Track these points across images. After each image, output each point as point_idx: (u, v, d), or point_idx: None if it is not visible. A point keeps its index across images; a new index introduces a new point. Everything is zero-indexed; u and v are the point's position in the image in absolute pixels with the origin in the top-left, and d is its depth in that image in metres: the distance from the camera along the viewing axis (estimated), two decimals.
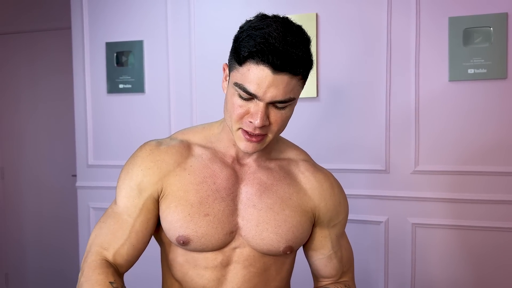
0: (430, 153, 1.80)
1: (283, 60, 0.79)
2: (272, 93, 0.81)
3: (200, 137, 0.98)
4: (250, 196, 0.94)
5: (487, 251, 1.75)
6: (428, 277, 1.83)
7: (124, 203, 0.93)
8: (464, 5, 1.74)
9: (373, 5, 1.84)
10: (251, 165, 0.96)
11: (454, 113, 1.77)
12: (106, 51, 2.20)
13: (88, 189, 2.27)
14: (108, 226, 0.92)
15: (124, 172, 0.95)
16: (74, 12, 2.26)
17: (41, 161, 3.08)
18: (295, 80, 0.82)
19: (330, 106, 1.91)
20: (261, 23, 0.82)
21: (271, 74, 0.79)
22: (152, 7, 2.14)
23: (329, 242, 1.02)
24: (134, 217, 0.92)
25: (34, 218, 3.11)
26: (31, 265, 3.13)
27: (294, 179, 0.98)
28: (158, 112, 2.15)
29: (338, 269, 1.05)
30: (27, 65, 3.06)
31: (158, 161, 0.93)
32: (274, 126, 0.86)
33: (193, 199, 0.91)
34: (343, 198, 1.02)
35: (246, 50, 0.80)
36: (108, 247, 0.91)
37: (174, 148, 0.96)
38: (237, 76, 0.83)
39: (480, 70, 1.73)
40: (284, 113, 0.85)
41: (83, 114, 2.27)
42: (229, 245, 0.93)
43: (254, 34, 0.80)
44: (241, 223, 0.93)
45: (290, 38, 0.80)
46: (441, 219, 1.79)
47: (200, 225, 0.90)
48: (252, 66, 0.80)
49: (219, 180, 0.93)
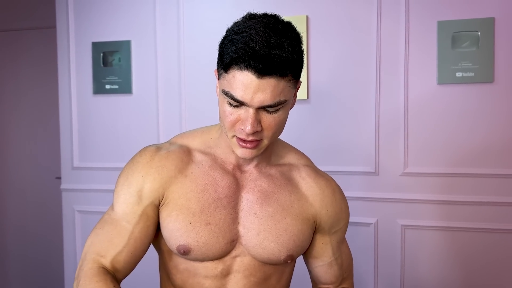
0: (419, 155, 1.82)
1: (266, 64, 0.75)
2: (259, 98, 0.78)
3: (199, 142, 0.96)
4: (251, 204, 0.92)
5: (475, 251, 1.78)
6: (417, 277, 1.85)
7: (122, 209, 0.90)
8: (452, 9, 1.76)
9: (363, 8, 1.85)
10: (252, 172, 0.94)
11: (443, 115, 1.79)
12: (92, 51, 2.16)
13: (73, 191, 2.22)
14: (105, 233, 0.89)
15: (123, 178, 0.92)
16: (59, 10, 2.22)
17: (24, 163, 3.01)
18: (283, 82, 0.79)
19: (320, 108, 1.91)
20: (244, 25, 0.80)
21: (256, 79, 0.76)
22: (140, 6, 2.10)
23: (329, 249, 1.01)
24: (133, 224, 0.89)
25: (17, 222, 3.04)
26: (14, 267, 3.05)
27: (295, 186, 0.96)
28: (146, 114, 2.12)
29: (338, 276, 1.04)
30: (10, 64, 2.98)
31: (159, 167, 0.91)
32: (268, 131, 0.83)
33: (194, 208, 0.89)
34: (345, 204, 1.01)
35: (228, 57, 0.78)
36: (105, 254, 0.88)
37: (174, 153, 0.93)
38: (224, 83, 0.81)
39: (468, 74, 1.75)
40: (276, 116, 0.82)
41: (68, 115, 2.22)
42: (230, 254, 0.91)
43: (236, 39, 0.78)
44: (242, 232, 0.91)
45: (274, 39, 0.77)
46: (430, 221, 1.81)
47: (201, 235, 0.88)
48: (236, 72, 0.78)
49: (220, 188, 0.91)
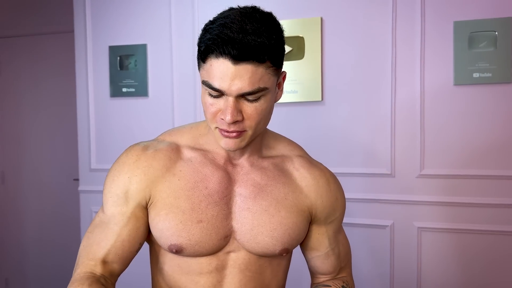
0: (436, 157, 1.80)
1: (241, 49, 0.74)
2: (237, 86, 0.76)
3: (188, 138, 0.94)
4: (244, 198, 0.90)
5: (494, 255, 1.75)
6: (434, 281, 1.82)
7: (111, 211, 0.88)
8: (469, 9, 1.74)
9: (377, 9, 1.84)
10: (244, 165, 0.92)
11: (459, 116, 1.77)
12: (109, 54, 2.20)
13: (90, 193, 2.26)
14: (95, 236, 0.88)
15: (110, 180, 0.90)
16: (77, 15, 2.26)
17: (43, 165, 3.07)
18: (261, 68, 0.77)
19: (334, 109, 1.91)
20: (221, 15, 0.79)
21: (232, 66, 0.75)
22: (155, 10, 2.13)
23: (326, 239, 0.99)
24: (120, 226, 0.87)
25: (35, 223, 3.10)
26: (32, 270, 3.11)
27: (289, 177, 0.94)
28: (162, 116, 2.14)
29: (336, 266, 1.02)
30: (29, 69, 3.05)
31: (145, 167, 0.89)
32: (250, 121, 0.81)
33: (184, 206, 0.87)
34: (340, 194, 0.99)
35: (203, 45, 0.77)
36: (93, 257, 0.86)
37: (162, 152, 0.91)
38: (203, 73, 0.80)
39: (485, 74, 1.73)
40: (258, 106, 0.80)
41: (86, 118, 2.26)
42: (224, 249, 0.90)
43: (211, 28, 0.77)
44: (235, 227, 0.89)
45: (250, 26, 0.76)
46: (447, 223, 1.79)
47: (193, 233, 0.86)
48: (213, 60, 0.77)
49: (211, 184, 0.89)
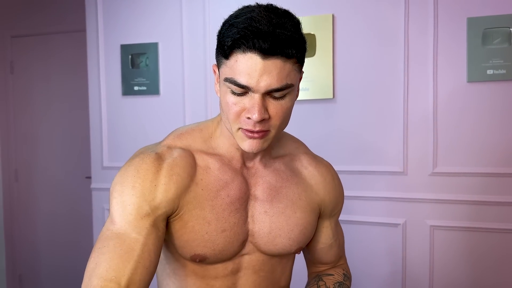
0: (448, 154, 1.78)
1: (271, 43, 0.71)
2: (266, 82, 0.73)
3: (200, 142, 0.89)
4: (261, 202, 0.89)
5: (507, 253, 1.73)
6: (447, 280, 1.81)
7: (129, 220, 0.78)
8: (483, 5, 1.72)
9: (390, 5, 1.83)
10: (258, 167, 0.91)
11: (473, 114, 1.75)
12: (121, 53, 2.21)
13: (103, 191, 2.28)
14: (112, 250, 0.75)
15: (128, 187, 0.80)
16: (89, 14, 2.27)
17: (55, 163, 3.10)
18: (289, 64, 0.74)
19: (346, 107, 1.90)
20: (243, 11, 0.76)
21: (261, 61, 0.72)
22: (167, 9, 2.14)
23: (330, 231, 1.02)
24: (144, 235, 0.77)
25: (47, 220, 3.13)
26: (45, 267, 3.14)
27: (300, 177, 0.95)
28: (173, 114, 2.15)
29: (337, 255, 1.06)
30: (42, 67, 3.08)
31: (172, 175, 0.82)
32: (275, 120, 0.78)
33: (210, 217, 0.84)
34: (341, 187, 1.03)
35: (229, 40, 0.73)
36: (116, 276, 0.73)
37: (183, 159, 0.85)
38: (226, 70, 0.76)
39: (499, 71, 1.71)
40: (284, 103, 0.77)
41: (98, 116, 2.28)
42: (239, 252, 0.90)
43: (237, 22, 0.74)
44: (253, 231, 0.89)
45: (276, 19, 0.73)
46: (459, 221, 1.78)
47: (217, 243, 0.85)
48: (239, 55, 0.73)
49: (232, 191, 0.87)
